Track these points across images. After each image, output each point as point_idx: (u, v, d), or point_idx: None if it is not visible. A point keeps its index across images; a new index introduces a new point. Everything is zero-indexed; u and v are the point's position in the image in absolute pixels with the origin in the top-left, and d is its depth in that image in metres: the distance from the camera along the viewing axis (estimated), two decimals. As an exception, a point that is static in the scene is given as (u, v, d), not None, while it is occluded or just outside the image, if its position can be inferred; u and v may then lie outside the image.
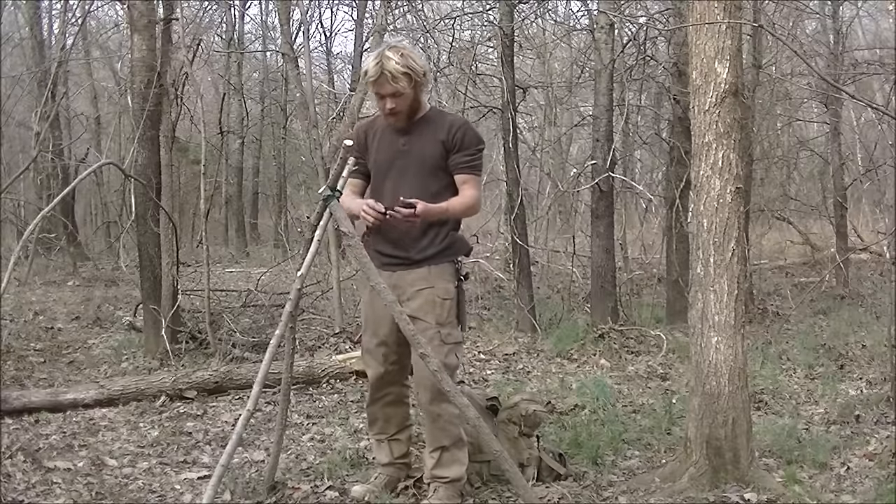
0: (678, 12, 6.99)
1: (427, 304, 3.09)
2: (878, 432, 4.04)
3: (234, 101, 15.54)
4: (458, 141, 3.12)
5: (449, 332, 3.11)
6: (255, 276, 9.19)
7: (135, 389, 4.69)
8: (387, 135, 3.21)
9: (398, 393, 3.31)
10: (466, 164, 3.13)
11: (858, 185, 12.34)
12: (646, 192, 9.88)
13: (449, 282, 3.12)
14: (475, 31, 10.02)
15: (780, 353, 6.02)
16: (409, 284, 3.11)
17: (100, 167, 8.72)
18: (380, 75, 3.03)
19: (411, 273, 3.12)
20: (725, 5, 3.24)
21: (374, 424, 3.35)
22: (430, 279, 3.10)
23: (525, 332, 6.75)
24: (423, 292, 3.10)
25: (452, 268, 3.16)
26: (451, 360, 3.12)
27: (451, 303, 3.12)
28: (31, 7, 12.63)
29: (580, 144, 14.81)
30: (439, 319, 3.09)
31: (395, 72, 3.01)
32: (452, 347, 3.13)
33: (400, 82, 3.03)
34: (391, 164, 3.17)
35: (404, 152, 3.16)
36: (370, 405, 3.33)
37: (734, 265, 3.26)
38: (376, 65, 3.03)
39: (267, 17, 16.94)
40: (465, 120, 3.42)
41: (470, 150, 3.15)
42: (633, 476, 3.54)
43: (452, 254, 3.16)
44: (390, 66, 3.02)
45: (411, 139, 3.16)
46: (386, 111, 3.11)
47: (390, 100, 3.07)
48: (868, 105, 7.87)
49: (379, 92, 3.08)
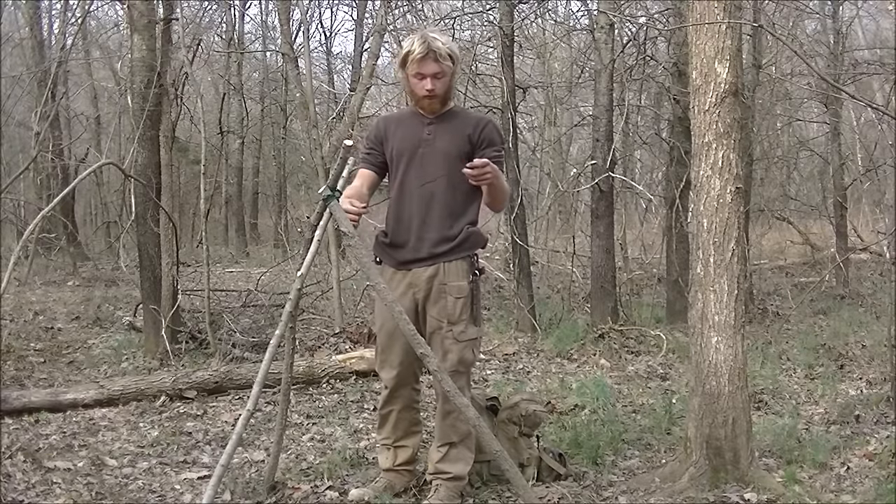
0: (678, 12, 6.99)
1: (439, 302, 3.09)
2: (878, 432, 4.04)
3: (234, 101, 15.56)
4: (485, 137, 3.13)
5: (462, 330, 3.10)
6: (255, 276, 9.20)
7: (135, 389, 4.69)
8: (411, 124, 3.20)
9: (410, 397, 3.28)
10: (494, 159, 3.11)
11: (858, 185, 12.33)
12: (646, 192, 9.88)
13: (462, 279, 3.11)
14: (475, 31, 10.04)
15: (780, 353, 6.02)
16: (423, 282, 3.11)
17: (100, 167, 8.71)
18: (427, 52, 3.02)
19: (426, 271, 3.11)
20: (725, 5, 3.24)
21: (382, 428, 3.32)
22: (443, 277, 3.10)
23: (525, 332, 6.75)
24: (435, 289, 3.10)
25: (467, 264, 3.14)
26: (466, 356, 3.12)
27: (465, 300, 3.10)
28: (31, 7, 12.63)
29: (580, 144, 14.82)
30: (451, 318, 3.09)
31: (443, 51, 3.03)
32: (467, 344, 3.12)
33: (446, 62, 3.04)
34: (414, 151, 3.15)
35: (428, 141, 3.15)
36: (382, 408, 3.30)
37: (734, 265, 3.26)
38: (423, 43, 3.03)
39: (267, 17, 16.98)
40: (491, 118, 3.45)
41: (497, 147, 3.17)
42: (633, 476, 3.54)
43: (467, 249, 3.15)
44: (437, 45, 3.03)
45: (437, 129, 3.15)
46: (424, 92, 3.09)
47: (431, 80, 3.06)
48: (868, 105, 7.86)
49: (421, 71, 3.06)
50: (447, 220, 3.11)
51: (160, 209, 5.76)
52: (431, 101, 3.12)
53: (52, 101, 10.61)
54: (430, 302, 3.11)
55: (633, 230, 11.94)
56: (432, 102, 3.13)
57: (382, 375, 3.27)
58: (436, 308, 3.10)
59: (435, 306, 3.10)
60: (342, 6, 20.36)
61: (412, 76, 3.11)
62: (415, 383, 3.29)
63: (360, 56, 13.50)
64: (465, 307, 3.11)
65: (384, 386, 3.28)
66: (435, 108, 3.16)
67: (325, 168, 6.57)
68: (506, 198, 3.24)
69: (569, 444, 3.80)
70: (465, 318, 3.11)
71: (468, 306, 3.12)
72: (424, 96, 3.11)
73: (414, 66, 3.07)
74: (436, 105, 3.15)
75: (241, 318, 6.69)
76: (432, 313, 3.10)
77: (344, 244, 7.14)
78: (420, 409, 3.41)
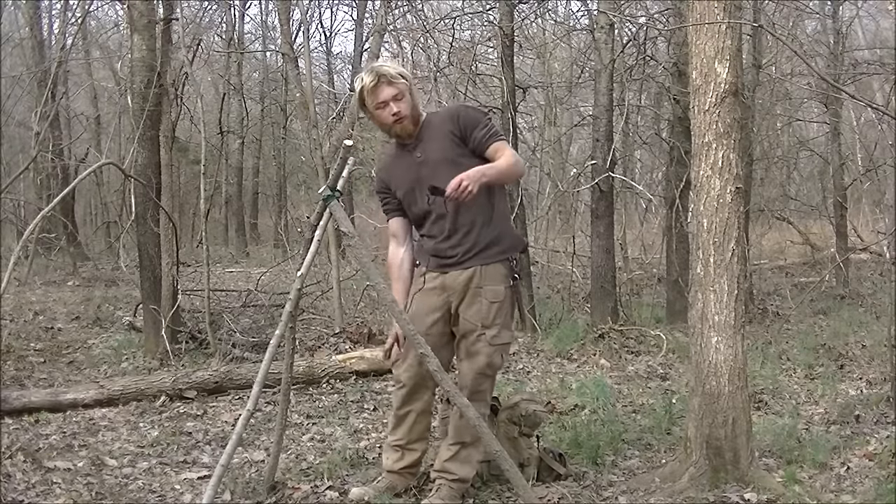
0: (678, 12, 6.99)
1: (473, 305, 3.08)
2: (878, 432, 4.04)
3: (234, 101, 15.57)
4: (466, 123, 3.11)
5: (496, 334, 3.09)
6: (255, 276, 9.21)
7: (135, 389, 4.68)
8: (401, 158, 3.20)
9: (429, 401, 3.26)
10: (486, 134, 3.10)
11: (858, 185, 12.33)
12: (646, 192, 9.89)
13: (499, 284, 3.10)
14: (475, 31, 10.06)
15: (780, 353, 6.02)
16: (459, 286, 3.10)
17: (100, 167, 8.72)
18: (377, 79, 3.04)
19: (462, 274, 3.10)
20: (725, 5, 3.24)
21: (397, 429, 3.27)
22: (479, 280, 3.08)
23: (525, 332, 6.75)
24: (469, 294, 3.09)
25: (505, 267, 3.13)
26: (495, 360, 3.13)
27: (500, 305, 3.09)
28: (31, 7, 12.64)
29: (580, 144, 14.83)
30: (485, 322, 3.08)
31: (391, 73, 3.05)
32: (498, 349, 3.11)
33: (399, 81, 3.05)
34: (417, 179, 3.14)
35: (423, 162, 3.13)
36: (400, 408, 3.25)
37: (734, 265, 3.26)
38: (370, 73, 3.06)
39: (267, 17, 17.01)
40: (460, 103, 3.45)
41: (482, 123, 3.13)
42: (633, 476, 3.54)
43: (503, 252, 3.13)
44: (384, 70, 3.06)
45: (423, 147, 3.14)
46: (391, 119, 3.09)
47: (394, 104, 3.06)
48: (868, 105, 7.86)
49: (379, 100, 3.07)
50: (478, 223, 3.10)
51: (160, 209, 5.76)
52: (402, 124, 3.11)
53: (52, 101, 10.62)
54: (464, 305, 3.10)
55: (633, 230, 11.95)
56: (404, 125, 3.12)
57: (400, 374, 3.21)
58: (470, 311, 3.09)
59: (469, 309, 3.09)
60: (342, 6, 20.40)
61: (375, 110, 3.11)
62: (435, 387, 3.24)
63: (360, 56, 13.51)
64: (499, 311, 3.10)
65: (401, 385, 3.22)
66: (409, 130, 3.14)
67: (325, 168, 6.56)
68: (515, 169, 3.13)
69: (569, 444, 3.80)
70: (500, 323, 3.10)
71: (503, 310, 3.11)
72: (395, 122, 3.10)
73: (371, 97, 3.08)
74: (409, 126, 3.13)
75: (241, 318, 6.69)
76: (466, 315, 3.09)
77: (344, 244, 7.16)
78: (432, 416, 3.38)
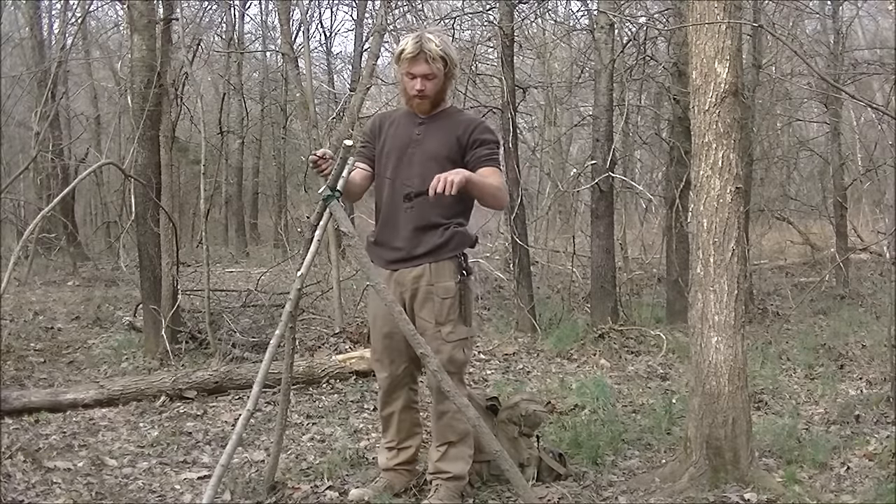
0: (678, 12, 6.99)
1: (426, 303, 3.09)
2: (878, 432, 4.04)
3: (234, 101, 15.54)
4: (476, 138, 3.11)
5: (451, 331, 3.09)
6: (255, 276, 9.19)
7: (135, 389, 4.69)
8: (403, 123, 3.21)
9: (408, 398, 3.29)
10: (487, 157, 3.11)
11: (858, 185, 12.34)
12: (646, 192, 9.88)
13: (449, 279, 3.10)
14: (475, 31, 10.04)
15: (780, 353, 6.02)
16: (409, 282, 3.11)
17: (100, 167, 8.71)
18: (418, 53, 3.03)
19: (412, 271, 3.11)
20: (725, 5, 3.24)
21: (386, 431, 3.32)
22: (430, 277, 3.09)
23: (525, 332, 6.75)
24: (421, 290, 3.10)
25: (454, 264, 3.13)
26: (456, 356, 3.11)
27: (452, 301, 3.10)
28: (31, 7, 12.63)
29: (580, 144, 14.82)
30: (439, 318, 3.09)
31: (434, 53, 3.03)
32: (456, 344, 3.11)
33: (436, 64, 3.05)
34: (403, 150, 3.15)
35: (417, 141, 3.15)
36: (382, 410, 3.30)
37: (734, 265, 3.26)
38: (415, 43, 3.03)
39: (267, 17, 16.96)
40: (483, 119, 3.44)
41: (489, 146, 3.14)
42: (633, 476, 3.54)
43: (454, 249, 3.13)
44: (430, 47, 3.03)
45: (427, 129, 3.16)
46: (414, 91, 3.10)
47: (421, 80, 3.07)
48: (868, 105, 7.86)
49: (412, 71, 3.07)
50: (434, 221, 3.10)
51: (160, 209, 5.76)
52: (421, 101, 3.12)
53: (52, 101, 10.60)
54: (417, 303, 3.10)
55: (633, 230, 11.94)
56: (422, 103, 3.13)
57: (379, 376, 3.29)
58: (424, 309, 3.10)
59: (423, 308, 3.10)
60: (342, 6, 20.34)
61: (404, 75, 3.12)
62: (412, 384, 3.29)
63: (360, 56, 13.49)
64: (452, 307, 3.10)
65: (379, 386, 3.29)
66: (425, 109, 3.16)
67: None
68: (498, 195, 3.12)
69: (569, 444, 3.80)
70: (454, 319, 3.10)
71: (456, 306, 3.11)
72: (414, 96, 3.12)
73: (405, 65, 3.08)
74: (425, 106, 3.14)
75: (241, 318, 6.69)
76: (421, 314, 3.10)
77: (344, 244, 7.13)
78: (420, 409, 3.41)
